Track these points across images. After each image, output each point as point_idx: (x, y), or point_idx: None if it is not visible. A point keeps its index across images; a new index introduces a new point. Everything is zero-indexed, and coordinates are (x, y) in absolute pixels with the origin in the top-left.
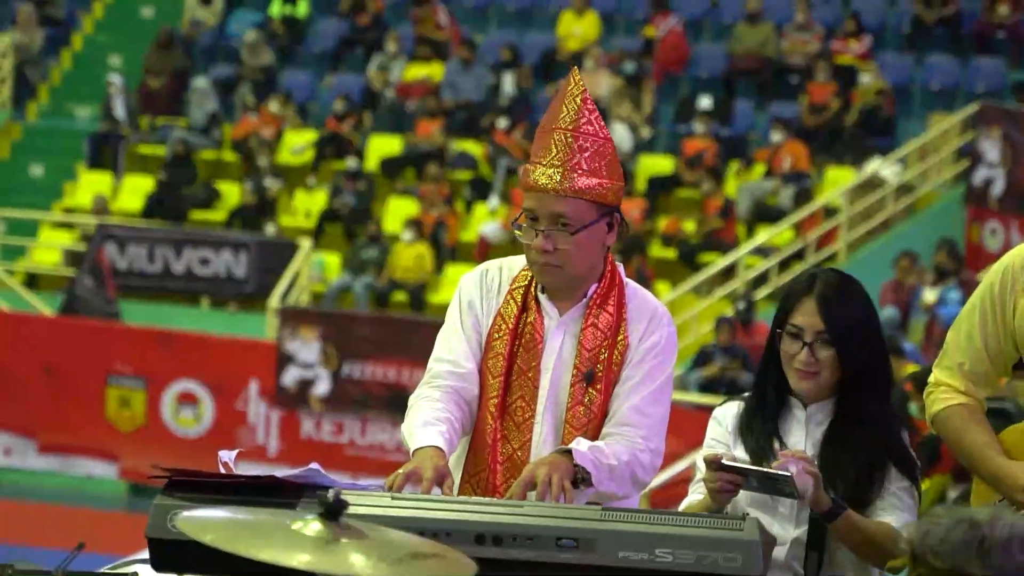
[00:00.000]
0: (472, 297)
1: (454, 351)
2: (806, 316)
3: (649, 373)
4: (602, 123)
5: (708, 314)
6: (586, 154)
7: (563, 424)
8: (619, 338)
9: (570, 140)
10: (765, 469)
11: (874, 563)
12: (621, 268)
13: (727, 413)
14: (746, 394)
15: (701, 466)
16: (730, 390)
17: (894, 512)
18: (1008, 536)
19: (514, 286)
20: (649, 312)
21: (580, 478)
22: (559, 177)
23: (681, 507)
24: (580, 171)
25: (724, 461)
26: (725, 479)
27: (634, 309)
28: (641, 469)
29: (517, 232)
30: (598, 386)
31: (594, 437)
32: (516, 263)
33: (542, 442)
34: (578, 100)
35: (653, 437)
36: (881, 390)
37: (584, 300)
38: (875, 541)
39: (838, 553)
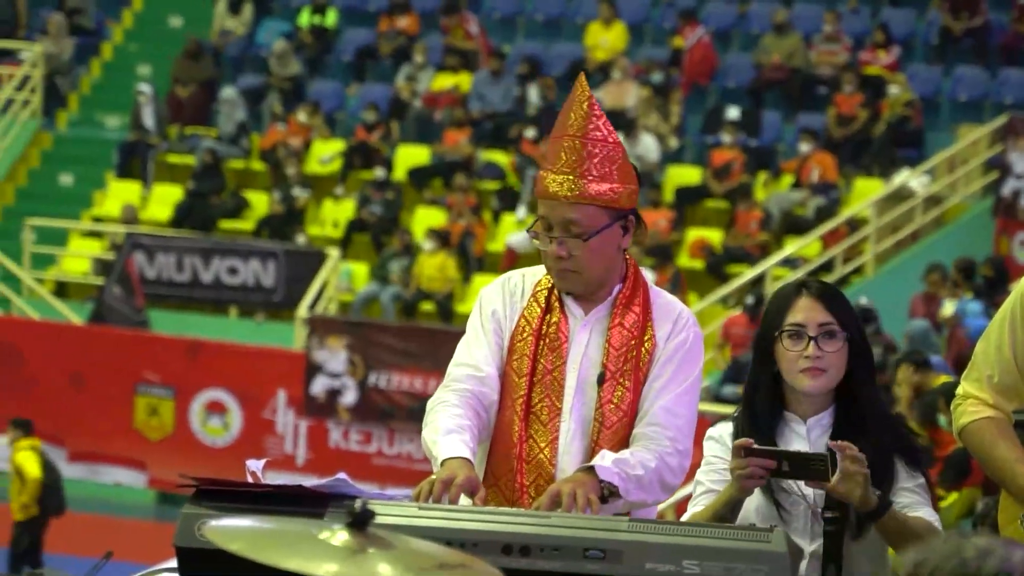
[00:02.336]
0: (495, 305)
1: (474, 355)
2: (806, 312)
3: (677, 373)
4: (610, 128)
5: None
6: (595, 160)
7: (591, 422)
8: (646, 336)
9: (579, 146)
10: (798, 450)
11: None
12: (647, 273)
13: (723, 432)
14: (734, 414)
15: (704, 480)
16: None
17: (919, 508)
18: (996, 571)
19: (537, 289)
20: (675, 313)
21: (608, 492)
22: (569, 184)
23: (683, 520)
24: (590, 177)
25: (755, 446)
26: (756, 463)
27: (659, 309)
28: (670, 473)
29: (534, 240)
30: (627, 384)
31: (624, 435)
32: (539, 271)
33: (569, 440)
34: (585, 106)
35: (682, 438)
36: (874, 388)
37: (609, 300)
38: (919, 535)
39: (854, 564)
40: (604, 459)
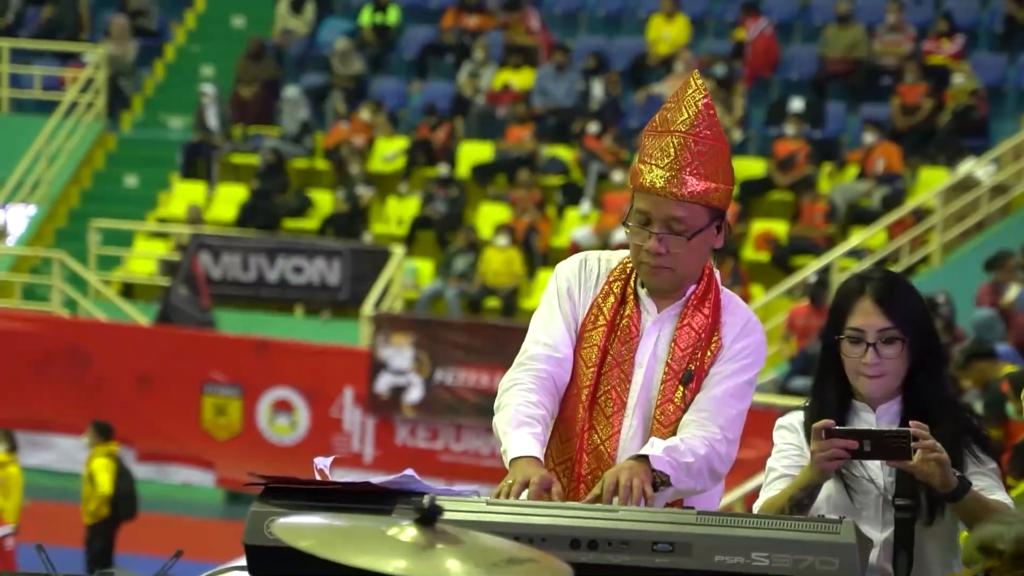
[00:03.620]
0: (571, 284)
1: (553, 335)
2: (865, 317)
3: (736, 371)
4: (719, 128)
5: None
6: (703, 158)
7: (652, 421)
8: (713, 339)
9: (689, 144)
10: (881, 428)
11: None
12: (717, 273)
13: (793, 421)
14: (804, 403)
15: (776, 466)
16: None
17: (994, 491)
18: None
19: (612, 278)
20: (743, 318)
21: (660, 481)
22: (676, 181)
23: (757, 506)
24: (697, 175)
25: (836, 427)
26: (839, 445)
27: (729, 313)
28: (719, 460)
29: (627, 231)
30: (691, 386)
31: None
32: (615, 256)
33: (631, 436)
34: (700, 104)
35: (731, 428)
36: (942, 376)
37: (683, 300)
38: None
39: (926, 551)
40: (655, 448)
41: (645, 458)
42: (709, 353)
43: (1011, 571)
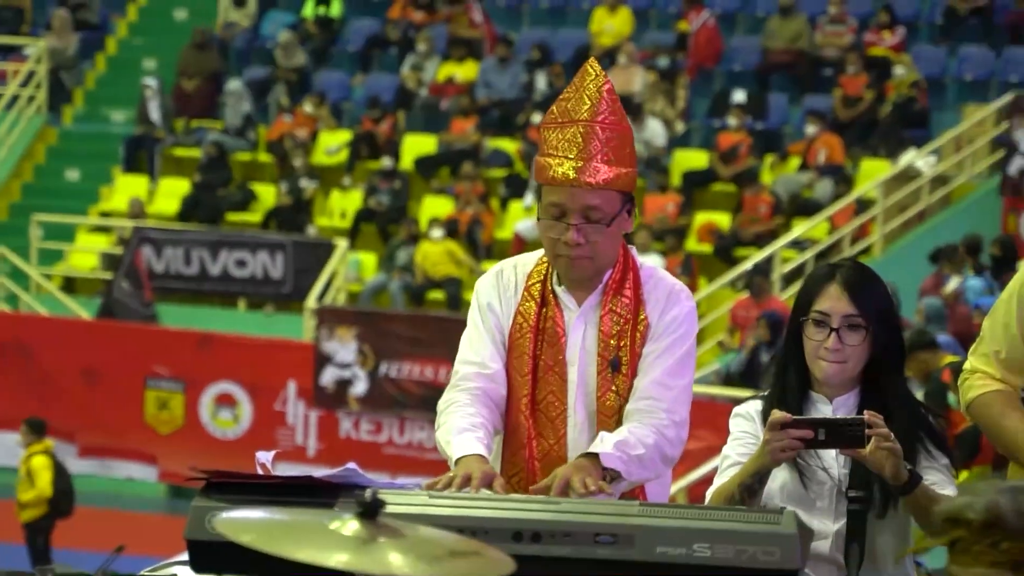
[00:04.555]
0: (490, 298)
1: (479, 352)
2: (832, 301)
3: (670, 346)
4: (622, 111)
5: None
6: (612, 144)
7: (596, 413)
8: (640, 318)
9: (597, 132)
10: (836, 417)
11: None
12: (634, 251)
13: (750, 410)
14: (763, 392)
15: (731, 453)
16: None
17: (945, 487)
18: None
19: (530, 283)
20: (666, 289)
21: (611, 478)
22: (589, 170)
23: (710, 492)
24: (607, 162)
25: (793, 418)
26: (794, 435)
27: (651, 288)
28: (669, 446)
29: (544, 229)
30: (624, 370)
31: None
32: (529, 260)
33: (578, 435)
34: (603, 91)
35: (677, 408)
36: (901, 373)
37: (600, 287)
38: None
39: (878, 543)
40: (604, 443)
41: (595, 455)
42: (638, 333)
43: (979, 541)
